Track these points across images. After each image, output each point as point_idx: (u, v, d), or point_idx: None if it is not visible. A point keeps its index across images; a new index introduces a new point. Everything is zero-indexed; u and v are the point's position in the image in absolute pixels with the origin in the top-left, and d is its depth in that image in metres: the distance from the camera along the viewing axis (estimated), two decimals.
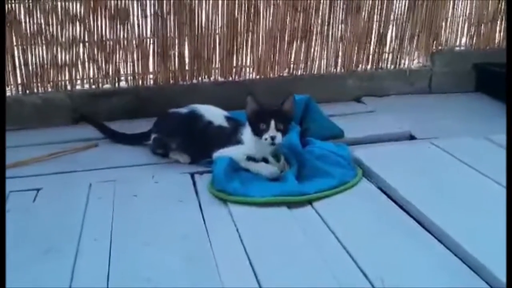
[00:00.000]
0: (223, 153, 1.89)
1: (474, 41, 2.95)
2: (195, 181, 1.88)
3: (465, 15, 2.90)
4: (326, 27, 2.70)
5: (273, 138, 1.79)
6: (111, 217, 1.62)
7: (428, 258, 1.41)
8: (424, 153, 2.08)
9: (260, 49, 2.64)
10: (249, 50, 2.63)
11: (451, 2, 2.85)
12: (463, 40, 2.95)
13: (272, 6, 2.58)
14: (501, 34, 2.95)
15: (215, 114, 2.03)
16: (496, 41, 2.97)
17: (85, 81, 2.52)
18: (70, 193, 1.78)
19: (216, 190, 1.77)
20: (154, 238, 1.51)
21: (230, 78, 2.65)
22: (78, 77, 2.50)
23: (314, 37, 2.70)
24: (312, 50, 2.73)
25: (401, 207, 1.69)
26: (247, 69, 2.68)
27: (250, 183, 1.80)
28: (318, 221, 1.62)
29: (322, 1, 2.65)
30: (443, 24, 2.88)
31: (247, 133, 1.88)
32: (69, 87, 2.50)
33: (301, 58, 2.72)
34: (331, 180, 1.82)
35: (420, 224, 1.58)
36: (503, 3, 2.89)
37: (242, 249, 1.46)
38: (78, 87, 2.52)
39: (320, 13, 2.67)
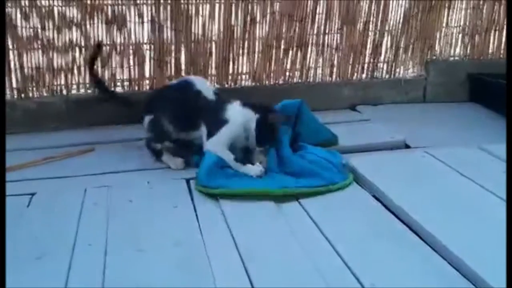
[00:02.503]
0: (214, 145, 1.92)
1: (468, 51, 2.98)
2: (190, 187, 1.88)
3: (459, 26, 2.93)
4: (322, 37, 2.72)
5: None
6: (106, 222, 1.62)
7: (420, 265, 1.42)
8: (418, 162, 2.10)
9: (256, 57, 2.65)
10: (245, 58, 2.64)
11: (446, 12, 2.88)
12: (457, 50, 2.98)
13: (268, 15, 2.60)
14: (495, 44, 2.98)
15: (204, 86, 2.10)
16: (490, 51, 3.00)
17: (80, 86, 2.51)
18: (65, 198, 1.77)
19: (200, 186, 1.81)
20: (149, 244, 1.51)
21: (226, 85, 2.65)
22: (74, 82, 2.49)
23: (310, 46, 2.72)
24: (308, 59, 2.74)
25: (395, 215, 1.70)
26: (243, 76, 2.68)
27: (234, 178, 1.85)
28: (313, 228, 1.62)
29: (318, 11, 2.67)
30: (438, 34, 2.91)
31: (233, 109, 1.95)
32: (64, 92, 2.49)
33: (297, 67, 2.74)
34: (320, 180, 1.85)
35: (414, 231, 1.59)
36: (497, 14, 2.93)
37: (237, 256, 1.46)
38: (73, 91, 2.52)
39: (316, 23, 2.69)
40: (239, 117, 1.94)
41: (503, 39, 2.97)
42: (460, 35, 2.95)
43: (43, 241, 1.52)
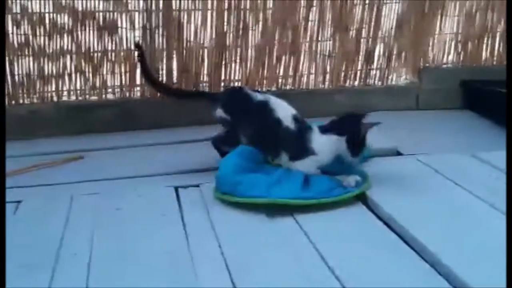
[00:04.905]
0: (304, 168, 1.86)
1: (461, 58, 2.98)
2: (179, 195, 1.86)
3: (453, 33, 2.93)
4: (314, 44, 2.71)
5: None
6: (92, 230, 1.60)
7: (411, 274, 1.40)
8: (410, 169, 2.08)
9: (248, 63, 2.65)
10: (237, 65, 2.64)
11: (439, 20, 2.88)
12: (450, 57, 2.98)
13: (260, 22, 2.60)
14: (488, 51, 2.98)
15: (285, 112, 1.92)
16: (483, 58, 2.99)
17: (71, 93, 2.51)
18: (51, 206, 1.75)
19: (222, 194, 1.77)
20: (135, 253, 1.49)
21: None
22: (64, 88, 2.49)
23: (302, 53, 2.72)
24: (301, 65, 2.74)
25: (385, 223, 1.68)
26: (236, 83, 2.68)
27: (257, 184, 1.77)
28: (304, 240, 1.59)
29: (310, 18, 2.67)
30: (431, 41, 2.91)
31: (318, 140, 1.87)
32: (55, 99, 2.48)
33: (290, 74, 2.73)
34: (337, 190, 1.80)
35: (404, 240, 1.57)
36: (490, 21, 2.93)
37: (224, 265, 1.43)
38: (64, 98, 2.51)
39: (309, 30, 2.68)
40: (326, 149, 1.87)
41: (496, 45, 2.97)
42: (453, 42, 2.95)
43: (27, 249, 1.50)
